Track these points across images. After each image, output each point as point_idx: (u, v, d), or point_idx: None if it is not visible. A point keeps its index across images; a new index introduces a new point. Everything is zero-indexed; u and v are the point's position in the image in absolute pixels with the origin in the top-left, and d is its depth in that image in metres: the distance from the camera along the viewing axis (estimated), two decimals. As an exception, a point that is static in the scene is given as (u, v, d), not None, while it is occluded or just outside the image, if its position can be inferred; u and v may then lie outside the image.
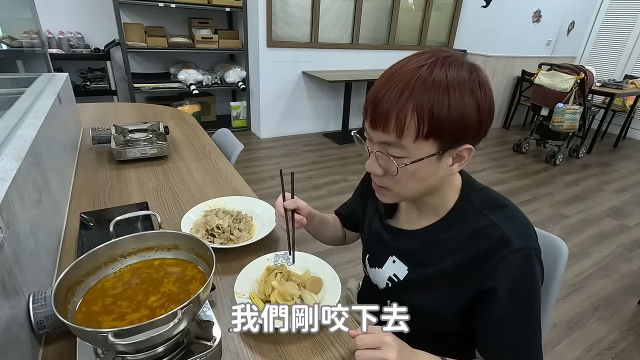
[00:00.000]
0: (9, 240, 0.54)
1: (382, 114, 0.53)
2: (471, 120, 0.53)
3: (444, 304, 0.66)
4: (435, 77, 0.51)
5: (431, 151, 0.55)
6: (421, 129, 0.52)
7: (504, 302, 0.59)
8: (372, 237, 0.80)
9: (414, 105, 0.51)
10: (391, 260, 0.73)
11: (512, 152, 4.04)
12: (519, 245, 0.57)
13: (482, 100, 0.53)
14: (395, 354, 0.53)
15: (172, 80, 3.51)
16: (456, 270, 0.63)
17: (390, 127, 0.53)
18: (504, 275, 0.58)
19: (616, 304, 1.88)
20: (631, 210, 2.92)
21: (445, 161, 0.57)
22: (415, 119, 0.52)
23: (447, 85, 0.51)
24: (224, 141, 1.64)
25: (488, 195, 0.65)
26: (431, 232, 0.67)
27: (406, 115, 0.52)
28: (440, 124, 0.52)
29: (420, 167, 0.56)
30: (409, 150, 0.54)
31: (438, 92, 0.51)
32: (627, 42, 4.87)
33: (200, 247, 0.63)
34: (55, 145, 1.02)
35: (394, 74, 0.54)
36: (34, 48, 1.50)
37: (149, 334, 0.47)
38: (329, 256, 1.92)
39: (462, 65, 0.53)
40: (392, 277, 0.73)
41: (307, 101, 4.08)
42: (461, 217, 0.64)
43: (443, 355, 0.61)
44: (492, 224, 0.60)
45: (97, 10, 3.24)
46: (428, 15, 4.42)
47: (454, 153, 0.56)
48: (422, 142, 0.53)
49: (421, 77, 0.51)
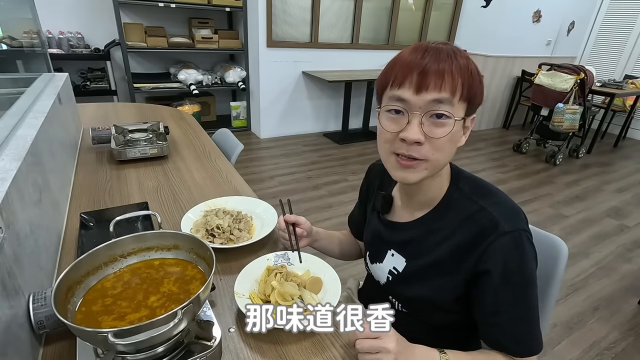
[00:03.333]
0: (9, 240, 0.54)
1: (436, 73, 0.56)
2: (481, 86, 0.60)
3: (443, 292, 0.67)
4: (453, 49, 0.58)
5: (463, 114, 0.59)
6: (464, 90, 0.57)
7: (497, 284, 0.59)
8: (371, 235, 0.81)
9: (458, 67, 0.56)
10: (390, 254, 0.75)
11: (512, 152, 4.04)
12: (508, 228, 0.59)
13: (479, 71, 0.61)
14: (394, 343, 0.55)
15: (172, 80, 3.51)
16: (450, 256, 0.64)
17: (445, 85, 0.56)
18: (496, 258, 0.59)
19: (616, 304, 1.88)
20: (631, 210, 2.92)
21: (460, 129, 0.60)
22: (460, 80, 0.57)
23: (465, 56, 0.58)
24: (224, 141, 1.64)
25: (477, 182, 0.69)
26: (425, 222, 0.69)
27: (455, 75, 0.56)
28: (472, 86, 0.58)
29: (457, 130, 0.59)
30: (456, 109, 0.58)
31: (463, 59, 0.57)
32: (627, 42, 4.87)
33: (200, 247, 0.63)
34: (55, 145, 1.02)
35: (418, 47, 0.59)
36: (34, 48, 1.50)
37: (149, 334, 0.46)
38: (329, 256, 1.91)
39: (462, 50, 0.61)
40: (392, 270, 0.74)
41: (307, 101, 4.08)
42: (452, 204, 0.66)
43: (442, 349, 0.61)
44: (481, 209, 0.62)
45: (97, 10, 3.24)
46: (428, 15, 4.42)
47: (468, 120, 0.61)
48: (461, 104, 0.58)
49: (445, 49, 0.58)
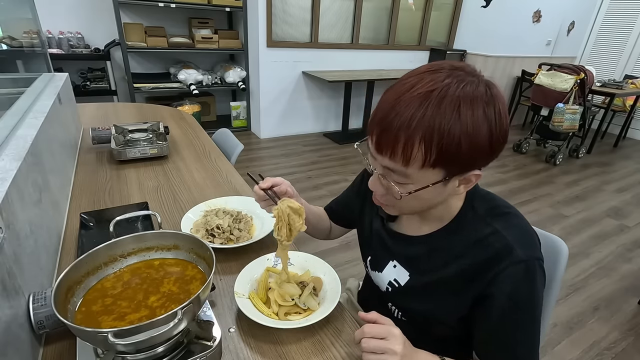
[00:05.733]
0: (9, 240, 0.54)
1: (389, 140, 0.51)
2: (483, 149, 0.51)
3: (445, 310, 0.65)
4: (446, 105, 0.48)
5: (437, 178, 0.53)
6: (428, 159, 0.50)
7: (504, 308, 0.58)
8: (373, 239, 0.78)
9: (423, 135, 0.49)
10: (392, 264, 0.72)
11: (512, 152, 4.04)
12: (523, 257, 0.56)
13: (495, 127, 0.50)
14: (400, 345, 0.54)
15: (172, 80, 3.51)
16: (458, 277, 0.62)
17: (397, 155, 0.51)
18: (506, 284, 0.57)
19: (616, 304, 1.88)
20: (631, 210, 2.92)
21: (452, 184, 0.56)
22: (422, 149, 0.49)
23: (458, 115, 0.48)
24: (224, 141, 1.64)
25: (492, 202, 0.64)
26: (434, 239, 0.66)
27: (414, 144, 0.49)
28: (448, 154, 0.50)
29: (424, 192, 0.55)
30: (414, 177, 0.53)
31: (449, 122, 0.48)
32: (627, 42, 4.87)
33: (200, 247, 0.63)
34: (55, 145, 1.02)
35: (401, 97, 0.50)
36: (34, 48, 1.49)
37: (149, 334, 0.47)
38: (329, 256, 1.91)
39: (476, 90, 0.49)
40: (392, 282, 0.72)
41: (307, 101, 4.08)
42: (465, 224, 0.63)
43: (443, 356, 0.61)
44: (495, 232, 0.59)
45: (97, 10, 3.24)
46: (428, 15, 4.42)
47: (462, 177, 0.55)
48: (428, 170, 0.52)
49: (430, 105, 0.48)
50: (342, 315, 0.71)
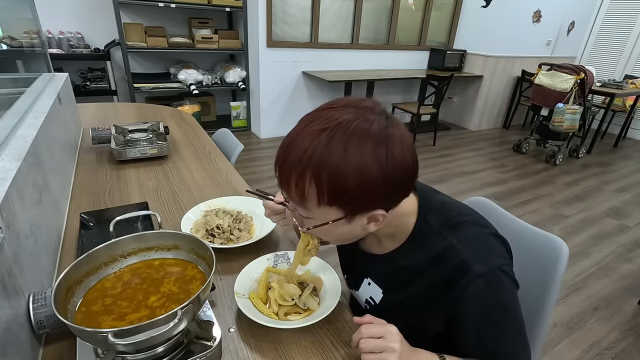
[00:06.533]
0: (9, 240, 0.54)
1: (284, 177, 0.52)
2: (375, 187, 0.49)
3: (421, 325, 0.65)
4: (336, 143, 0.47)
5: (338, 215, 0.52)
6: (321, 197, 0.50)
7: (478, 323, 0.58)
8: (348, 257, 0.80)
9: (312, 173, 0.48)
10: (366, 282, 0.73)
11: (512, 152, 4.03)
12: (480, 270, 0.55)
13: (386, 167, 0.48)
14: (398, 343, 0.55)
15: (172, 80, 3.51)
16: (428, 291, 0.61)
17: (292, 191, 0.52)
18: (471, 301, 0.57)
19: (616, 304, 1.88)
20: (631, 210, 2.92)
21: (359, 222, 0.54)
22: (314, 187, 0.49)
23: (346, 152, 0.47)
24: (224, 141, 1.64)
25: (447, 212, 0.62)
26: (395, 258, 0.65)
27: (304, 182, 0.49)
28: (340, 193, 0.49)
29: (330, 229, 0.55)
30: (314, 213, 0.53)
31: (336, 159, 0.47)
32: (627, 42, 4.87)
33: (200, 247, 0.63)
34: (55, 145, 1.02)
35: (298, 134, 0.51)
36: (34, 48, 1.50)
37: (149, 334, 0.47)
38: (329, 256, 1.91)
39: (370, 128, 0.48)
40: (368, 299, 0.72)
41: (307, 101, 4.08)
42: (422, 240, 0.62)
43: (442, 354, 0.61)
44: (451, 247, 0.58)
45: (97, 10, 3.24)
46: (428, 15, 4.42)
47: (366, 216, 0.54)
48: (326, 208, 0.51)
49: (320, 143, 0.48)
50: (342, 315, 0.71)
